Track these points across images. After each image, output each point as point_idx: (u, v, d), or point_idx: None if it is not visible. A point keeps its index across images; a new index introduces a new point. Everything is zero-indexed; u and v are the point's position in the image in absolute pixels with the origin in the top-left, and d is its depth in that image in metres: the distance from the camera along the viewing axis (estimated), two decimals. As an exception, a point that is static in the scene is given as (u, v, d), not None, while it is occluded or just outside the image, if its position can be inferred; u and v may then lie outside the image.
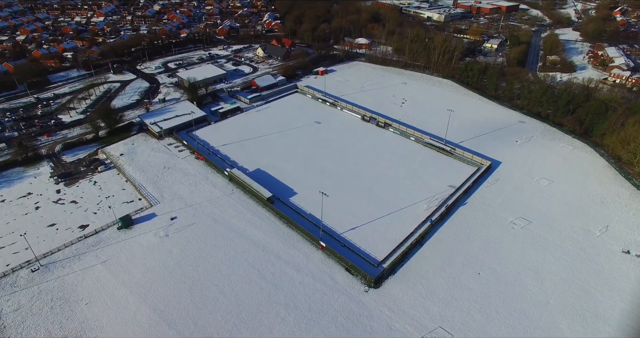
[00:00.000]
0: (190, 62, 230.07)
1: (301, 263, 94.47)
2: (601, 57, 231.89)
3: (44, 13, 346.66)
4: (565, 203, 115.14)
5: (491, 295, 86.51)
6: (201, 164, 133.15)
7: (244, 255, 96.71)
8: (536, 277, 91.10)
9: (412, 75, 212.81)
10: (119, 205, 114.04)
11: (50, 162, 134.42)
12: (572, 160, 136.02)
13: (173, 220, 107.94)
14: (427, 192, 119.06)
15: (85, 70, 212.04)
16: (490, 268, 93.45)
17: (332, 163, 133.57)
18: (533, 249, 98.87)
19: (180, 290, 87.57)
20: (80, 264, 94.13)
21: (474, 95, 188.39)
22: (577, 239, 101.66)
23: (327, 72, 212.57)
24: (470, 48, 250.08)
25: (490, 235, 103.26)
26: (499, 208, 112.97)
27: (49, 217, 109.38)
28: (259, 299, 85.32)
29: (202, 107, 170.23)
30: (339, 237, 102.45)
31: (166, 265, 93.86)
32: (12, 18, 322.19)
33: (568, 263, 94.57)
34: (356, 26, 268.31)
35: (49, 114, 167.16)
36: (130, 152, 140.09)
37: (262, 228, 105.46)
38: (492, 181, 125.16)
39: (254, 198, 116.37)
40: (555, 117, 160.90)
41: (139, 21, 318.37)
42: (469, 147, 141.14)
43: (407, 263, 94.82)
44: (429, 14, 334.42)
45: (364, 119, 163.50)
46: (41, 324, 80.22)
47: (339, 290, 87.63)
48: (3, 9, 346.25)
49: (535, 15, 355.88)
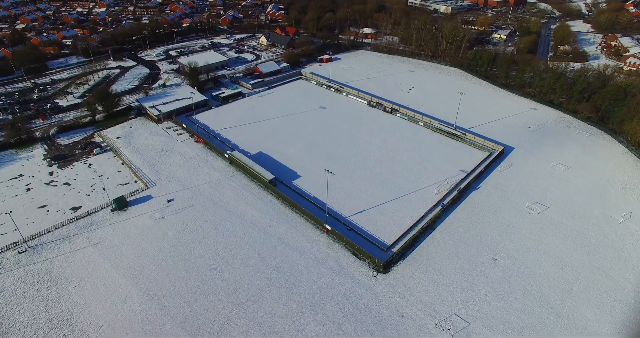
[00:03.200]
0: (192, 50, 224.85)
1: (305, 247, 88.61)
2: (615, 47, 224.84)
3: (45, 3, 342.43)
4: (585, 189, 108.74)
5: (509, 281, 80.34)
6: (201, 147, 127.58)
7: (244, 237, 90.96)
8: (556, 263, 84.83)
9: (419, 63, 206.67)
10: (113, 187, 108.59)
11: (45, 144, 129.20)
12: (589, 147, 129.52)
13: (170, 203, 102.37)
14: (438, 176, 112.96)
15: (84, 57, 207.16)
16: (507, 253, 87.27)
17: (337, 147, 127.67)
18: (552, 235, 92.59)
19: (176, 273, 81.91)
20: (70, 246, 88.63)
21: (483, 83, 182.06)
22: (599, 225, 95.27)
23: (332, 60, 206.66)
24: (478, 38, 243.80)
25: (506, 220, 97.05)
26: (514, 193, 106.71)
27: (40, 199, 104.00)
28: (259, 283, 79.54)
29: (204, 92, 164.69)
30: (345, 220, 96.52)
31: (161, 247, 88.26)
32: (13, 8, 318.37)
33: (591, 250, 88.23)
34: (362, 16, 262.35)
35: (45, 98, 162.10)
36: (128, 135, 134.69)
37: (264, 211, 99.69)
38: (506, 166, 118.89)
39: (255, 181, 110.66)
40: (570, 104, 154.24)
41: (141, 12, 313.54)
42: (479, 133, 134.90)
43: (418, 248, 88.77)
44: (435, 7, 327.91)
45: (370, 104, 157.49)
46: (25, 307, 74.71)
47: (345, 275, 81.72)
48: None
49: (544, 8, 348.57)
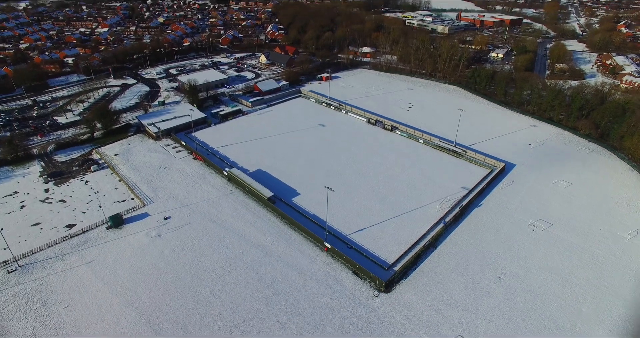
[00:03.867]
0: (192, 68, 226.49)
1: (304, 266, 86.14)
2: (610, 66, 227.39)
3: (49, 24, 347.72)
4: (588, 205, 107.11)
5: (515, 301, 77.71)
6: (199, 164, 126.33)
7: (242, 256, 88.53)
8: (564, 282, 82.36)
9: (417, 81, 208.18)
10: (110, 204, 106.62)
11: (42, 161, 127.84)
12: (591, 163, 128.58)
13: (167, 220, 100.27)
14: (439, 194, 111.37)
15: (85, 75, 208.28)
16: (512, 272, 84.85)
17: (337, 164, 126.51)
18: (557, 253, 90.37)
19: (170, 293, 79.19)
20: (62, 265, 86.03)
21: (482, 100, 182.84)
22: (606, 243, 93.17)
23: (331, 78, 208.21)
24: (476, 57, 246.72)
25: (510, 238, 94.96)
26: (517, 210, 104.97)
27: (33, 216, 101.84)
28: (257, 304, 76.76)
29: (203, 109, 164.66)
30: (345, 238, 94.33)
31: (156, 266, 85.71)
32: (18, 28, 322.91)
33: (598, 268, 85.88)
34: (360, 35, 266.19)
35: (44, 116, 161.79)
36: (126, 152, 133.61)
37: (262, 229, 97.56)
38: (507, 183, 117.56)
39: (254, 199, 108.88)
40: (569, 121, 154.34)
41: (142, 32, 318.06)
42: (480, 150, 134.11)
43: (421, 266, 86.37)
44: (433, 27, 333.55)
45: (370, 121, 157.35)
46: (11, 331, 71.50)
47: (346, 295, 79.05)
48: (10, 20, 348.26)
49: (539, 28, 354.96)
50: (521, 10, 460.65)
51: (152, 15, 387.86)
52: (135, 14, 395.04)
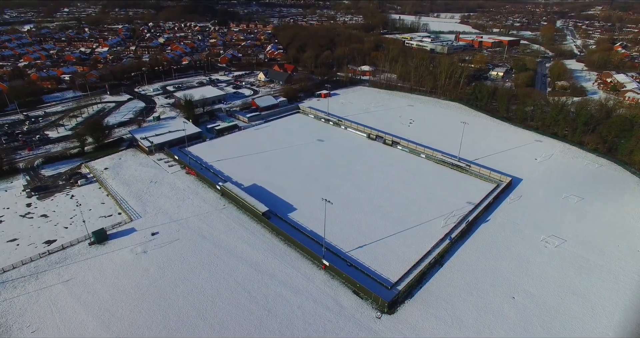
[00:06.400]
0: (189, 85, 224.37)
1: (300, 285, 79.23)
2: (611, 83, 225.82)
3: (50, 44, 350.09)
4: (602, 221, 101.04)
5: (532, 324, 70.50)
6: (192, 179, 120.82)
7: (233, 274, 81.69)
8: (584, 303, 75.36)
9: (418, 98, 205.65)
10: (94, 219, 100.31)
11: (27, 175, 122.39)
12: (601, 178, 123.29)
13: (154, 236, 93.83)
14: (444, 209, 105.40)
15: (81, 92, 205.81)
16: (526, 291, 77.94)
17: (336, 179, 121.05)
18: (574, 271, 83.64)
19: (153, 314, 71.99)
20: (36, 284, 79.05)
21: (484, 116, 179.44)
22: (626, 260, 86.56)
23: (330, 95, 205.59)
24: (476, 75, 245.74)
25: (521, 255, 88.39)
26: (527, 226, 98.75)
27: (11, 232, 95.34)
28: (248, 326, 69.49)
29: (199, 124, 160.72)
30: (344, 255, 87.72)
31: (140, 285, 78.77)
32: (19, 48, 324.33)
33: (621, 288, 79.01)
34: (359, 54, 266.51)
35: (35, 130, 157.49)
36: (116, 166, 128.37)
37: (256, 245, 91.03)
38: (515, 198, 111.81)
39: (247, 214, 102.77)
40: (574, 136, 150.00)
41: (142, 51, 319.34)
42: (484, 164, 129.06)
43: (426, 285, 79.50)
44: (431, 47, 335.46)
45: (370, 137, 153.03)
46: (-27, 356, 64.33)
47: (345, 316, 71.87)
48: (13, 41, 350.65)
49: (537, 48, 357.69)
50: (518, 32, 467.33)
51: (153, 36, 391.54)
52: (136, 35, 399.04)
